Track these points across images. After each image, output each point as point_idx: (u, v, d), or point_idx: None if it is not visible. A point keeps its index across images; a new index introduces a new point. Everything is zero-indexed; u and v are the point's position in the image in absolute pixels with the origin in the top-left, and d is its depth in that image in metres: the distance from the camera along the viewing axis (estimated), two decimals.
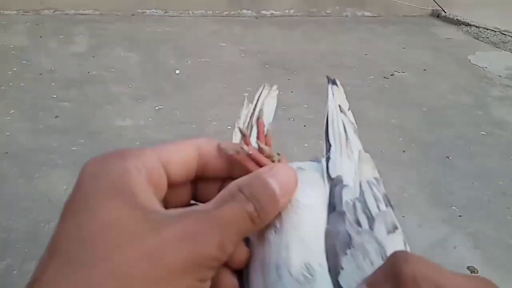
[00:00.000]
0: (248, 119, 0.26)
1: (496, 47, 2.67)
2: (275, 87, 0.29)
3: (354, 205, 0.21)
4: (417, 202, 1.42)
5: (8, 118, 1.69)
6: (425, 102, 2.05)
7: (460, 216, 1.37)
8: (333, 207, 0.21)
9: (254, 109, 0.27)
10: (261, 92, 0.28)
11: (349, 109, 0.27)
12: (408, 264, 0.16)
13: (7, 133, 1.61)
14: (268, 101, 0.29)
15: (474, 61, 2.49)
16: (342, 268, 0.19)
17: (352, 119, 0.27)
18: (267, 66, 2.25)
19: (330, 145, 0.23)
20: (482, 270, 1.16)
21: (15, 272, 1.03)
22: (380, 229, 0.21)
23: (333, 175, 0.22)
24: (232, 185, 0.19)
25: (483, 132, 1.85)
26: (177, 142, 0.20)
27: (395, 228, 0.22)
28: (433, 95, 2.12)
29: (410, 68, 2.35)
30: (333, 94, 0.27)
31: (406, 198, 1.43)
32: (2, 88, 1.89)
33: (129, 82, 2.01)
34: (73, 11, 2.54)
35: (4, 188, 1.35)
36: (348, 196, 0.21)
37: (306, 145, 1.64)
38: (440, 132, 1.83)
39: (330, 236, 0.20)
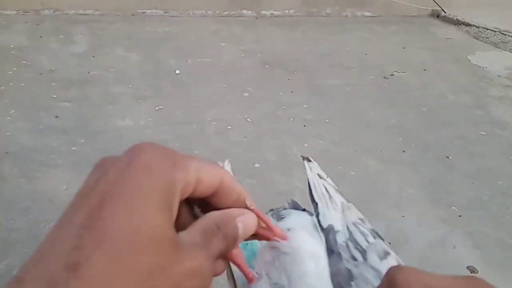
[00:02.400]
0: None
1: (496, 47, 2.67)
2: (226, 161, 0.34)
3: (347, 245, 0.26)
4: (417, 202, 1.42)
5: (8, 118, 1.70)
6: (424, 102, 2.05)
7: (459, 216, 1.37)
8: (331, 250, 0.25)
9: None
10: None
11: (327, 177, 0.32)
12: (401, 271, 0.19)
13: (7, 133, 1.61)
14: None
15: (474, 61, 2.49)
16: None
17: (332, 183, 0.32)
18: (267, 66, 2.25)
19: (316, 204, 0.28)
20: (482, 270, 1.16)
21: (15, 272, 1.03)
22: (372, 257, 0.25)
23: (324, 226, 0.27)
24: (212, 220, 0.21)
25: (482, 132, 1.85)
26: (212, 164, 0.22)
27: (387, 253, 0.25)
28: (433, 95, 2.12)
29: (410, 68, 2.35)
30: (310, 168, 0.31)
31: (405, 198, 1.43)
32: (2, 88, 1.89)
33: (129, 82, 2.01)
34: (73, 11, 2.54)
35: (4, 188, 1.35)
36: (340, 239, 0.26)
37: (306, 145, 1.64)
38: (440, 132, 1.83)
39: (334, 276, 0.23)
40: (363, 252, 0.25)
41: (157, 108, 1.84)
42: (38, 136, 1.60)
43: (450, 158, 1.67)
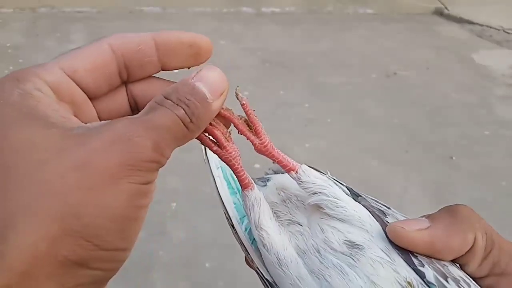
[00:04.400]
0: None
1: (500, 45, 2.64)
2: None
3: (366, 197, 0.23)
4: (420, 203, 1.40)
5: None
6: (428, 101, 2.03)
7: None
8: (355, 195, 0.23)
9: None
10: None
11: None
12: (464, 206, 0.20)
13: None
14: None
15: (477, 59, 2.47)
16: (388, 222, 0.20)
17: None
18: (267, 64, 2.23)
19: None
20: None
21: None
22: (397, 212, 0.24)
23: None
24: (158, 95, 0.18)
25: (487, 132, 1.83)
26: (81, 48, 0.18)
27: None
28: (436, 94, 2.10)
29: (413, 67, 2.32)
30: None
31: (408, 198, 1.42)
32: None
33: None
34: (70, 9, 2.53)
35: None
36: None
37: (307, 145, 1.62)
38: (444, 132, 1.81)
39: (367, 208, 0.21)
40: (388, 208, 0.23)
41: None
42: None
43: (454, 158, 1.65)
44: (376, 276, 0.18)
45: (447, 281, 0.18)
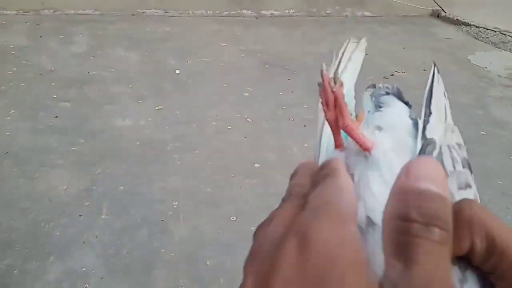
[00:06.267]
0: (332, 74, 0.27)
1: (496, 47, 2.67)
2: (363, 39, 0.30)
3: None
4: None
5: (8, 118, 1.69)
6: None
7: None
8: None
9: (338, 65, 0.28)
10: (347, 46, 0.29)
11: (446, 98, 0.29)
12: (470, 208, 0.17)
13: (7, 133, 1.60)
14: (355, 56, 0.29)
15: (474, 61, 2.49)
16: None
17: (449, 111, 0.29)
18: (267, 66, 2.25)
19: (430, 113, 0.26)
20: None
21: (15, 271, 1.04)
22: (452, 184, 0.22)
23: (428, 136, 0.24)
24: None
25: (483, 132, 1.85)
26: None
27: (468, 186, 0.23)
28: None
29: (410, 68, 2.35)
30: (438, 82, 0.28)
31: None
32: (2, 88, 1.89)
33: (129, 82, 2.01)
34: (73, 11, 2.54)
35: (4, 188, 1.35)
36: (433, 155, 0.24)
37: (306, 145, 1.64)
38: None
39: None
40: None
41: (157, 108, 1.84)
42: (38, 136, 1.59)
43: None
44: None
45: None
